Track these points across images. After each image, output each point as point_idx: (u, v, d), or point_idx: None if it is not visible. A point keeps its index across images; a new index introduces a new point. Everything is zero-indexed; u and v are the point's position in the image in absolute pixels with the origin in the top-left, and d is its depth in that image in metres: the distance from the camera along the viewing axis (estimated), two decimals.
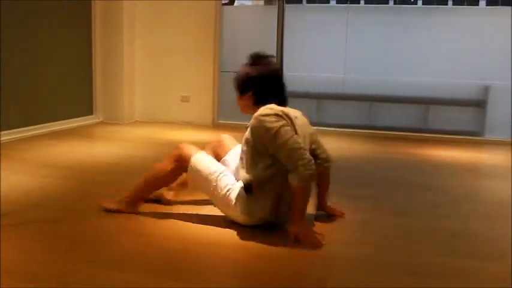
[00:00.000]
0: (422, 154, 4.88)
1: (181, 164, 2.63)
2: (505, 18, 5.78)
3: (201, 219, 2.69)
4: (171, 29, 6.19)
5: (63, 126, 5.52)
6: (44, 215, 2.75)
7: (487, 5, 7.27)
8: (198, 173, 2.60)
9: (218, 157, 2.84)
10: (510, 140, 5.54)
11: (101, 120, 6.17)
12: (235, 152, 2.82)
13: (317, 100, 6.31)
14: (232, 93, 3.37)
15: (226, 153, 2.88)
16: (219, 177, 2.57)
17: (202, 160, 2.62)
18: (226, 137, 2.98)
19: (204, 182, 2.60)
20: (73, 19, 5.77)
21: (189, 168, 2.61)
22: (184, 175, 2.75)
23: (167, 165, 2.66)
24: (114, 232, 2.53)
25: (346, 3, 6.36)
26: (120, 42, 6.05)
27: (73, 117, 5.77)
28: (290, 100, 3.36)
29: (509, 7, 5.63)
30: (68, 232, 2.51)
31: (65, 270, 2.05)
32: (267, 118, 2.43)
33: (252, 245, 2.40)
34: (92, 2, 5.96)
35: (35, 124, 5.14)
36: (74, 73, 5.85)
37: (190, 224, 2.63)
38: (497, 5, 6.88)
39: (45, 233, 2.49)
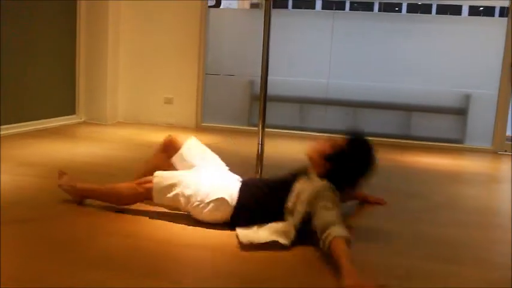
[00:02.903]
0: (404, 161, 4.92)
1: (146, 189, 2.65)
2: (486, 28, 5.87)
3: (181, 219, 2.67)
4: (156, 30, 6.17)
5: (44, 126, 5.46)
6: (21, 214, 2.71)
7: (469, 15, 7.38)
8: (166, 194, 2.62)
9: (169, 154, 2.88)
10: (490, 147, 5.62)
11: (83, 120, 6.12)
12: (191, 144, 2.88)
13: (300, 105, 6.33)
14: (216, 96, 3.37)
15: (180, 147, 2.87)
16: (189, 193, 2.58)
17: (163, 183, 2.63)
18: (177, 136, 2.97)
19: (177, 202, 2.62)
20: (58, 18, 5.72)
21: (153, 191, 2.63)
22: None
23: (133, 187, 2.69)
24: (93, 232, 2.50)
25: (332, 9, 6.40)
26: (104, 42, 6.01)
27: (55, 117, 5.71)
28: (274, 104, 3.37)
29: (491, 17, 5.72)
30: (46, 231, 2.47)
31: (44, 270, 2.03)
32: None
33: (234, 246, 2.40)
34: (77, 1, 5.92)
35: (16, 122, 5.07)
36: (57, 72, 5.80)
37: (171, 224, 2.62)
38: (479, 15, 6.98)
39: (23, 232, 2.45)
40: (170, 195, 2.61)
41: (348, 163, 2.49)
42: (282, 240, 2.35)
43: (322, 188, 2.37)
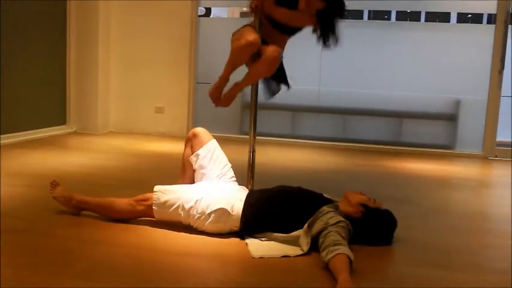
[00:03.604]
0: (395, 167, 4.93)
1: (146, 206, 2.67)
2: (474, 35, 5.93)
3: (172, 227, 2.66)
4: (146, 39, 6.18)
5: (35, 136, 5.43)
6: (10, 224, 2.68)
7: (457, 22, 7.44)
8: (166, 209, 2.64)
9: (192, 150, 2.96)
10: (481, 153, 5.66)
11: (74, 130, 6.09)
12: (210, 148, 2.94)
13: (292, 112, 6.34)
14: (207, 105, 3.38)
15: (201, 146, 2.95)
16: (190, 206, 2.59)
17: (164, 197, 2.65)
18: (201, 131, 3.04)
19: (178, 216, 2.63)
20: (47, 27, 5.71)
21: (153, 207, 2.65)
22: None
23: (131, 204, 2.71)
24: (82, 242, 2.49)
25: None
26: (95, 51, 6.00)
27: (46, 127, 5.68)
28: (265, 112, 3.38)
29: (479, 25, 5.79)
30: (35, 242, 2.46)
31: (32, 282, 2.01)
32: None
33: (227, 254, 2.40)
34: (67, 10, 5.91)
35: (7, 133, 5.03)
36: (48, 82, 5.77)
37: (161, 232, 2.61)
38: (468, 22, 7.05)
39: (12, 243, 2.43)
40: (170, 210, 2.62)
41: (374, 222, 2.59)
42: (293, 253, 2.40)
43: (345, 223, 2.43)
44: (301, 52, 6.59)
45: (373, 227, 2.57)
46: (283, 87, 3.31)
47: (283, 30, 3.08)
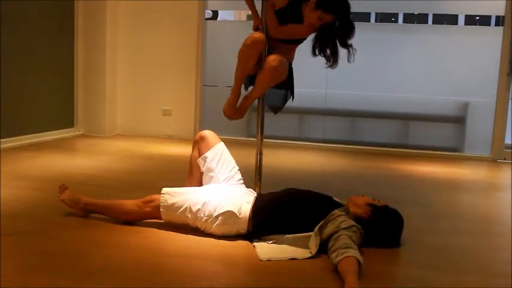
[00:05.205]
0: (403, 169, 4.91)
1: (153, 208, 2.68)
2: (482, 37, 5.90)
3: (179, 230, 2.66)
4: (154, 42, 6.19)
5: (43, 138, 5.45)
6: (18, 227, 2.70)
7: (465, 24, 7.42)
8: (174, 211, 2.64)
9: (200, 152, 2.99)
10: (489, 155, 5.62)
11: (82, 132, 6.11)
12: (217, 150, 2.96)
13: (299, 115, 6.33)
14: (213, 107, 3.38)
15: (209, 149, 2.96)
16: (197, 208, 2.60)
17: (171, 199, 2.65)
18: (209, 133, 3.06)
19: (185, 218, 2.64)
20: (55, 30, 5.74)
21: (161, 209, 2.66)
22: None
23: (139, 206, 2.72)
24: (90, 244, 2.49)
25: None
26: (102, 54, 6.02)
27: (54, 130, 5.71)
28: (272, 115, 3.38)
29: (487, 27, 5.75)
30: (42, 244, 2.46)
31: (39, 284, 2.01)
32: None
33: (234, 257, 2.40)
34: (75, 14, 5.94)
35: (15, 136, 5.07)
36: (55, 85, 5.80)
37: (168, 234, 2.62)
38: (475, 24, 7.03)
39: (20, 245, 2.44)
40: (178, 212, 2.63)
41: (383, 221, 2.61)
42: (301, 256, 2.39)
43: (356, 227, 2.44)
44: (308, 55, 6.59)
45: (382, 225, 2.58)
46: (286, 99, 3.35)
47: (289, 42, 3.19)
